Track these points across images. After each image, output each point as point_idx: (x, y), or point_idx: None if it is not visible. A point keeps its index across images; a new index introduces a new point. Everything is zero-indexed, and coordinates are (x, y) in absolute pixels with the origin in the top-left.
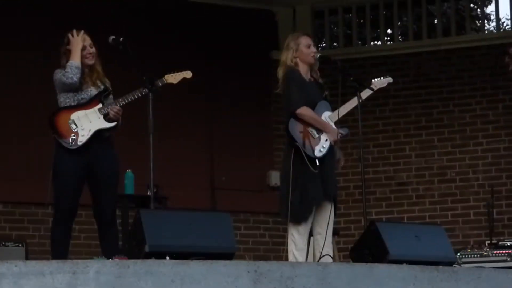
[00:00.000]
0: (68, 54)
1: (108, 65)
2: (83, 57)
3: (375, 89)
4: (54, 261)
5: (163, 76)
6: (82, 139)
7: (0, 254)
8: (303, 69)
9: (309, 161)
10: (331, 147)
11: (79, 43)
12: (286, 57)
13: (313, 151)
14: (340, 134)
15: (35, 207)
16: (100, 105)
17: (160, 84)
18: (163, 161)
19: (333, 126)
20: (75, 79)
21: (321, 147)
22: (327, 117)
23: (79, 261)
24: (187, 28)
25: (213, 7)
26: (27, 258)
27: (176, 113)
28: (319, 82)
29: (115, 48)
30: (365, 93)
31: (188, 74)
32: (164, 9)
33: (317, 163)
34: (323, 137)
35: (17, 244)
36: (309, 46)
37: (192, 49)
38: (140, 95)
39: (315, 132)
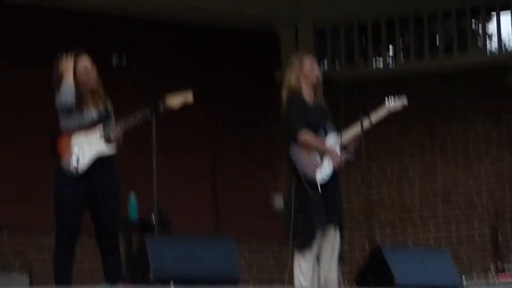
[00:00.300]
0: (60, 78)
1: (111, 84)
2: (84, 79)
3: (381, 115)
4: (58, 287)
5: (165, 97)
6: (83, 163)
7: (4, 281)
8: (306, 91)
9: (311, 187)
10: (334, 172)
11: (70, 65)
12: (290, 77)
13: (315, 177)
14: (344, 158)
15: (39, 233)
16: (101, 128)
17: (162, 109)
18: (167, 184)
19: (337, 150)
20: (69, 99)
21: (323, 172)
22: (331, 141)
23: (84, 287)
24: (189, 50)
25: (216, 28)
26: (31, 284)
27: (179, 135)
28: (322, 106)
29: (119, 67)
30: (367, 122)
31: (189, 97)
32: (168, 31)
33: (319, 189)
34: (326, 161)
35: (21, 271)
36: (312, 67)
37: (195, 70)
38: (141, 117)
39: (317, 157)
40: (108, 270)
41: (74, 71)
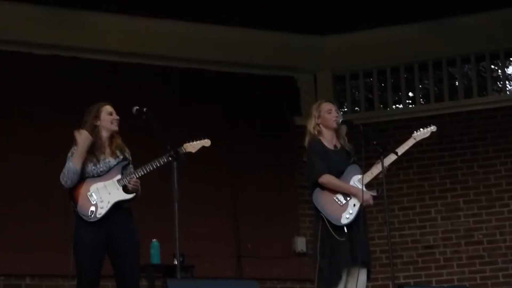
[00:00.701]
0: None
1: (131, 135)
2: (108, 123)
3: (407, 147)
4: None
5: (182, 145)
6: (101, 211)
7: None
8: (328, 136)
9: (336, 229)
10: (359, 212)
11: (85, 143)
12: (310, 125)
13: (340, 219)
14: (372, 196)
15: (62, 280)
16: (119, 176)
17: (181, 153)
18: (189, 229)
19: (362, 188)
20: (69, 183)
21: (348, 213)
22: (356, 181)
23: None
24: (210, 96)
25: (236, 75)
26: None
27: (200, 181)
28: (345, 149)
29: (139, 118)
30: (390, 158)
31: (207, 142)
32: (187, 78)
33: (345, 230)
34: (351, 202)
35: None
36: (330, 112)
37: (215, 117)
38: (159, 164)
39: (341, 199)
40: None
41: (98, 118)
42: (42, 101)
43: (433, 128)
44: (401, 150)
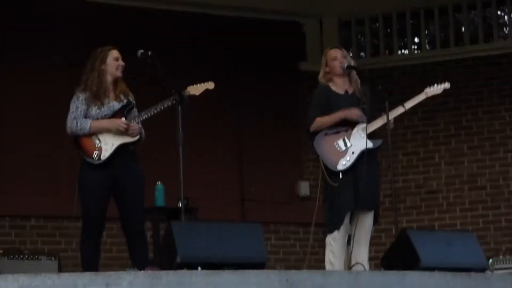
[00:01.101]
0: (87, 78)
1: (136, 79)
2: (113, 69)
3: (417, 101)
4: (87, 273)
5: (186, 88)
6: (106, 153)
7: (33, 268)
8: (338, 82)
9: (332, 175)
10: (360, 158)
11: (111, 127)
12: (320, 74)
13: (336, 165)
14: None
15: (67, 221)
16: (123, 120)
17: (185, 97)
18: (193, 173)
19: (354, 111)
20: (72, 134)
21: (345, 160)
22: (360, 129)
23: (112, 273)
24: (214, 41)
25: (241, 20)
26: (60, 271)
27: (204, 125)
28: (356, 95)
29: (144, 62)
30: (397, 110)
31: (210, 85)
32: (192, 23)
33: (340, 176)
34: (351, 149)
35: (50, 258)
36: (335, 59)
37: (220, 61)
38: (163, 107)
39: (342, 145)
40: (135, 256)
41: (104, 62)
42: (46, 43)
43: (447, 85)
44: (410, 103)
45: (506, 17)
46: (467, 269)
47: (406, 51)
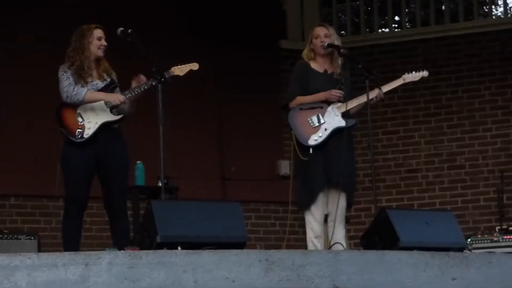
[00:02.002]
0: (73, 55)
1: (116, 58)
2: (95, 48)
3: (393, 86)
4: (67, 253)
5: (170, 68)
6: (89, 132)
7: (12, 247)
8: (319, 61)
9: (303, 150)
10: (333, 135)
11: (111, 98)
12: (304, 50)
13: (308, 140)
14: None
15: (46, 200)
16: (120, 95)
17: (167, 76)
18: (173, 152)
19: (335, 92)
20: (67, 102)
21: (317, 136)
22: (335, 107)
23: (92, 252)
24: (195, 18)
25: None
26: (39, 250)
27: (185, 103)
28: (334, 75)
29: (124, 40)
30: (374, 93)
31: (194, 66)
32: (172, 1)
33: (310, 151)
34: (323, 126)
35: (29, 237)
36: (317, 37)
37: (201, 39)
38: (147, 87)
39: (315, 121)
40: (116, 235)
41: (89, 41)
42: (31, 24)
43: (425, 73)
44: (386, 87)
45: None
46: (446, 248)
47: (387, 29)
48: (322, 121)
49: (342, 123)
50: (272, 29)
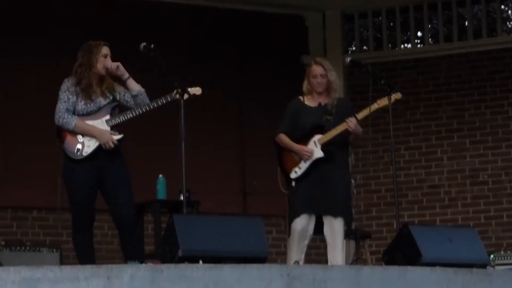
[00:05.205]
0: (80, 71)
1: (138, 73)
2: (101, 66)
3: (365, 115)
4: (88, 266)
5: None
6: (88, 150)
7: (35, 260)
8: (315, 96)
9: (287, 182)
10: (311, 167)
11: (100, 137)
12: (304, 83)
13: (290, 173)
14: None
15: (69, 213)
16: (108, 116)
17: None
18: (195, 166)
19: (308, 147)
20: (59, 125)
21: (298, 168)
22: (316, 140)
23: (114, 266)
24: (217, 34)
25: (244, 13)
26: (61, 263)
27: (207, 118)
28: (325, 107)
29: (146, 55)
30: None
31: (198, 91)
32: (196, 16)
33: (292, 184)
34: (304, 160)
35: (51, 250)
36: (315, 77)
37: (223, 55)
38: (164, 102)
39: (297, 156)
40: (130, 249)
41: (96, 58)
42: (40, 37)
43: (398, 95)
44: (361, 115)
45: (509, 11)
46: (469, 264)
47: (409, 45)
48: None
49: (319, 154)
50: (294, 45)
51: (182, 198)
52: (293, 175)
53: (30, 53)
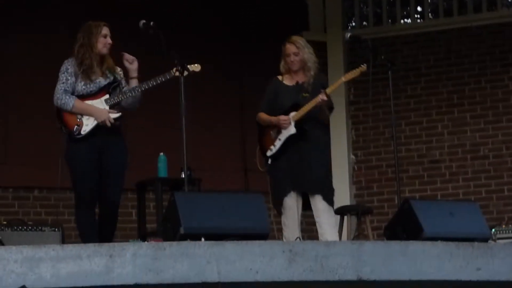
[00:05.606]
0: (82, 52)
1: (136, 51)
2: (101, 46)
3: (333, 90)
4: (91, 244)
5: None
6: (86, 128)
7: (37, 239)
8: (292, 75)
9: (265, 159)
10: (285, 145)
11: (98, 115)
12: (281, 63)
13: (266, 151)
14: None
15: (70, 192)
16: (107, 96)
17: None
18: (196, 144)
19: (284, 116)
20: (59, 103)
21: (273, 146)
22: (291, 116)
23: (116, 244)
24: (217, 11)
25: None
26: (63, 242)
27: (207, 95)
28: (302, 85)
29: (146, 33)
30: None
31: (197, 67)
32: None
33: (269, 162)
34: (279, 136)
35: (53, 229)
36: (288, 55)
37: (222, 32)
38: (164, 80)
39: (273, 133)
40: (103, 231)
41: (95, 38)
42: (41, 13)
43: (363, 67)
44: (330, 89)
45: None
46: (470, 239)
47: (409, 20)
48: (279, 133)
49: (292, 131)
50: (294, 21)
51: (183, 176)
52: (268, 153)
53: (30, 31)
